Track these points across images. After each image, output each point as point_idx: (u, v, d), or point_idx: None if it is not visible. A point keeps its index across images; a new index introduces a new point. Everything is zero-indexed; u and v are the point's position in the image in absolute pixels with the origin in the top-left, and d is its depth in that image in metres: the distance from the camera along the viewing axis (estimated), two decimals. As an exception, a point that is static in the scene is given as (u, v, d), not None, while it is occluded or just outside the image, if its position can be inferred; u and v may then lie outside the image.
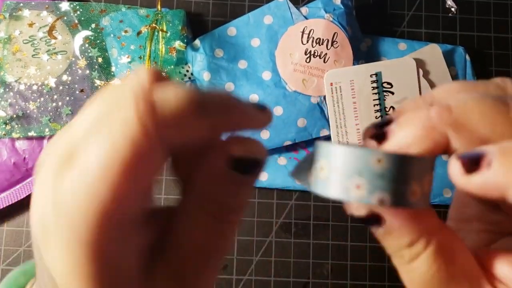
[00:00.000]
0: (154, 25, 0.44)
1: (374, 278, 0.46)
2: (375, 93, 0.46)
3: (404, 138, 0.18)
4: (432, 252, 0.18)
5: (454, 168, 0.17)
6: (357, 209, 0.18)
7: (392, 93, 0.46)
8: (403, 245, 0.18)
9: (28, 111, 0.43)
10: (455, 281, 0.18)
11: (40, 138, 0.44)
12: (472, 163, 0.16)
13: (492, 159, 0.16)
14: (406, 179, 0.16)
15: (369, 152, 0.16)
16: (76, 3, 0.46)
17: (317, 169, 0.17)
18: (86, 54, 0.45)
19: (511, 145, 0.16)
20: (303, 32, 0.46)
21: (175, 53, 0.44)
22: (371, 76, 0.46)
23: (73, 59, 0.44)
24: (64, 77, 0.44)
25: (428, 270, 0.18)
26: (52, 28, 0.45)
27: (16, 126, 0.43)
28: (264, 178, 0.46)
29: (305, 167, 0.17)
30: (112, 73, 0.45)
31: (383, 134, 0.18)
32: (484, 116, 0.17)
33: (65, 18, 0.45)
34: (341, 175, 0.16)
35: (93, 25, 0.45)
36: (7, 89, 0.43)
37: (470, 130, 0.17)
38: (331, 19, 0.46)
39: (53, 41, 0.44)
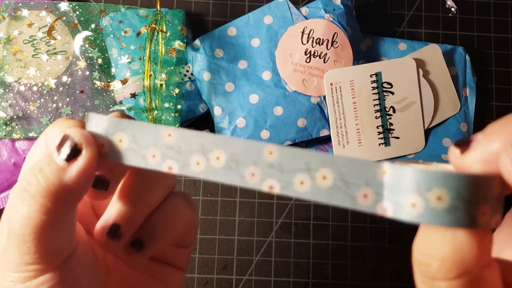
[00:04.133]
0: (153, 25, 0.44)
1: (374, 278, 0.46)
2: (375, 93, 0.46)
3: (487, 150, 0.17)
4: (465, 282, 0.17)
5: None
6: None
7: (392, 93, 0.46)
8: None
9: (28, 112, 0.43)
10: None
11: (40, 138, 0.44)
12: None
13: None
14: (475, 199, 0.16)
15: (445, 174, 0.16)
16: (75, 3, 0.46)
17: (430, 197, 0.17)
18: (86, 54, 0.45)
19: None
20: (303, 32, 0.46)
21: (175, 54, 0.44)
22: (371, 76, 0.46)
23: (73, 59, 0.44)
24: (64, 78, 0.44)
25: None
26: (51, 29, 0.45)
27: (17, 127, 0.43)
28: (264, 178, 0.46)
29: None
30: (112, 74, 0.45)
31: (468, 142, 0.18)
32: None
33: (65, 18, 0.45)
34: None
35: (92, 26, 0.45)
36: (7, 90, 0.43)
37: None
38: (331, 19, 0.46)
39: (53, 41, 0.44)
